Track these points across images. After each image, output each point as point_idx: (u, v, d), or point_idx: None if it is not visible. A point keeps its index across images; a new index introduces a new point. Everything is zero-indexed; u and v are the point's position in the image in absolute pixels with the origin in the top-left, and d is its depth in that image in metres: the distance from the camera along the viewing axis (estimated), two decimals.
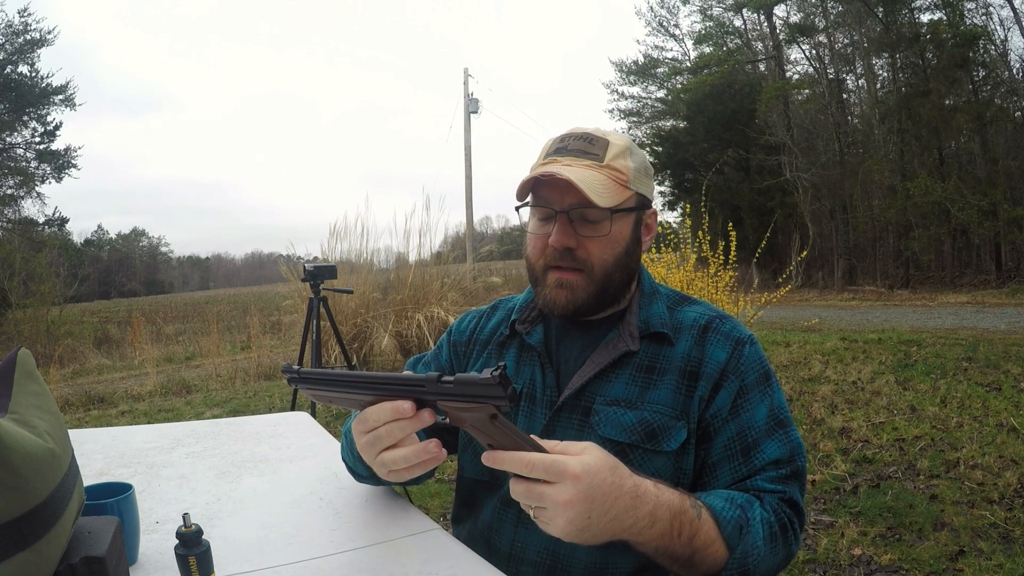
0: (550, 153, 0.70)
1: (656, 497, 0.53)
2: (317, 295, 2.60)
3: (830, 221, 12.06)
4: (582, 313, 0.69)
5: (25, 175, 12.70)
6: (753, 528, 0.58)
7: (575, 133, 0.70)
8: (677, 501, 0.54)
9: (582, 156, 0.67)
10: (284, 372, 0.57)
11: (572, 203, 0.66)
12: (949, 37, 10.09)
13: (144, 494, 0.77)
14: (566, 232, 0.66)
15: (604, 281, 0.68)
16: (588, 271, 0.67)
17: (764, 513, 0.60)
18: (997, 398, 3.14)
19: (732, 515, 0.57)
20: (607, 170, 0.67)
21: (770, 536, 0.59)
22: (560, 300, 0.68)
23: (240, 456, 0.94)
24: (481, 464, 0.74)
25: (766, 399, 0.66)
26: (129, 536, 0.59)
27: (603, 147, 0.68)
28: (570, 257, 0.67)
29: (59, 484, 0.41)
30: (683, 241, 3.96)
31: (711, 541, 0.56)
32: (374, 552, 0.63)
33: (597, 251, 0.67)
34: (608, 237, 0.67)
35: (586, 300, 0.68)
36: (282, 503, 0.76)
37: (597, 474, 0.48)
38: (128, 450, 0.97)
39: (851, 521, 1.93)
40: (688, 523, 0.54)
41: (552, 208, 0.67)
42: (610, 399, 0.67)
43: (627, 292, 0.72)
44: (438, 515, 2.06)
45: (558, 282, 0.68)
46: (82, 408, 4.39)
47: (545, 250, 0.68)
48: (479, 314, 0.82)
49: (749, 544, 0.57)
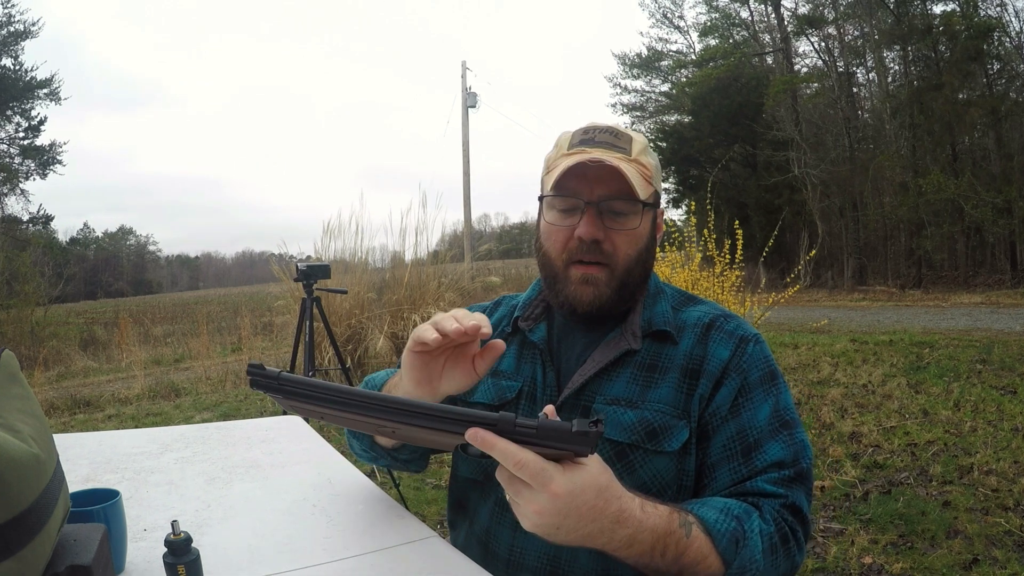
0: (575, 144, 0.68)
1: (639, 522, 0.51)
2: (310, 295, 2.58)
3: (840, 219, 11.93)
4: (605, 311, 0.68)
5: (8, 171, 12.71)
6: (751, 541, 0.55)
7: (599, 126, 0.69)
8: (663, 524, 0.52)
9: (612, 149, 0.67)
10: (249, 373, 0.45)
11: (603, 194, 0.65)
12: (963, 29, 9.91)
13: (131, 501, 0.76)
14: (596, 224, 0.65)
15: (625, 276, 0.67)
16: (612, 265, 0.67)
17: (763, 524, 0.57)
18: (1012, 401, 3.09)
19: (727, 528, 0.55)
20: (635, 164, 0.67)
21: (770, 548, 0.57)
22: (586, 297, 0.67)
23: (231, 461, 0.92)
24: (475, 463, 0.70)
25: (770, 398, 0.64)
26: (116, 544, 0.58)
27: (628, 142, 0.68)
28: (596, 251, 0.66)
29: (44, 490, 0.41)
30: (688, 239, 3.92)
31: (703, 557, 0.54)
32: (369, 560, 0.62)
33: (623, 245, 0.66)
34: (635, 231, 0.67)
35: (609, 296, 0.67)
36: (274, 510, 0.75)
37: (580, 495, 0.47)
38: (115, 455, 0.96)
39: (861, 529, 1.90)
40: (674, 544, 0.52)
41: (581, 199, 0.66)
42: (610, 398, 0.66)
43: (642, 290, 0.71)
44: (435, 522, 2.05)
45: (583, 278, 0.67)
46: (68, 412, 4.38)
47: (568, 243, 0.67)
48: (482, 309, 0.81)
49: (746, 558, 0.55)
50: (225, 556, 0.62)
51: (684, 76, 14.50)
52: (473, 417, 0.45)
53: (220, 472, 0.88)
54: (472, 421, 0.45)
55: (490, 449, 0.45)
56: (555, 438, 0.44)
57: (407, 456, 0.72)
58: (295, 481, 0.84)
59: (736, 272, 3.72)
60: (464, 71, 13.29)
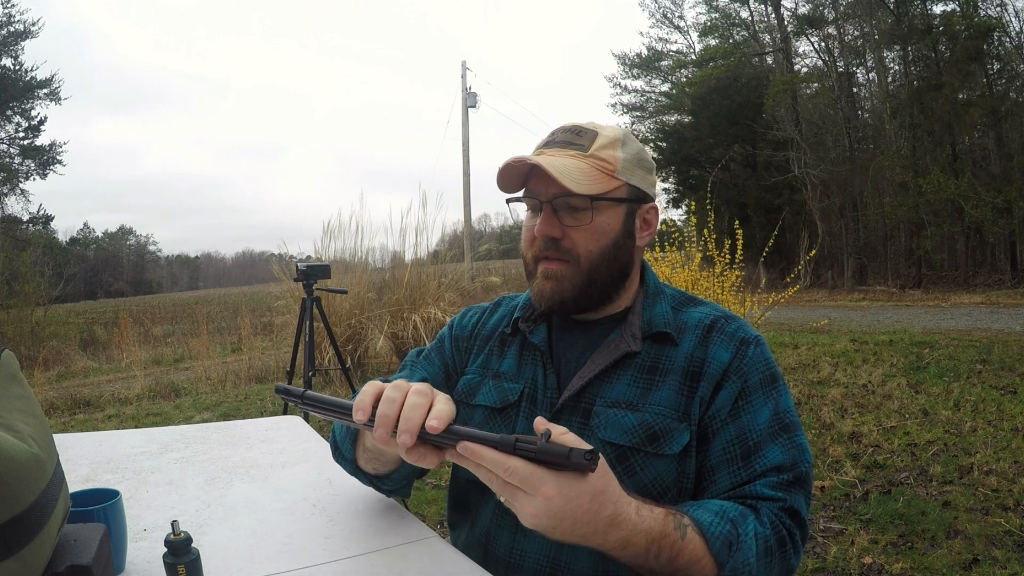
0: (540, 146, 0.70)
1: (634, 525, 0.51)
2: (310, 295, 2.58)
3: (840, 219, 11.92)
4: (570, 306, 0.68)
5: (8, 171, 12.72)
6: (744, 544, 0.55)
7: (565, 126, 0.70)
8: (659, 527, 0.53)
9: (567, 147, 0.68)
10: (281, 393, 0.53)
11: (555, 192, 0.66)
12: (963, 29, 9.91)
13: (131, 501, 0.76)
14: (550, 222, 0.66)
15: (590, 273, 0.67)
16: (574, 261, 0.67)
17: (759, 527, 0.57)
18: (1012, 401, 3.08)
19: (721, 531, 0.55)
20: (591, 159, 0.66)
21: (765, 551, 0.56)
22: (547, 291, 0.67)
23: (230, 461, 0.92)
24: None
25: (770, 401, 0.64)
26: (116, 544, 0.58)
27: (591, 138, 0.68)
28: (555, 247, 0.67)
29: (44, 490, 0.41)
30: (688, 239, 3.91)
31: (696, 559, 0.54)
32: (369, 560, 0.62)
33: (582, 241, 0.66)
34: (592, 227, 0.66)
35: (572, 292, 0.67)
36: (274, 510, 0.74)
37: (574, 499, 0.47)
38: (115, 455, 0.96)
39: (861, 529, 1.90)
40: (668, 546, 0.53)
41: (538, 199, 0.67)
42: (611, 401, 0.66)
43: (620, 289, 0.70)
44: (435, 522, 2.05)
45: (544, 273, 0.68)
46: (68, 412, 4.37)
47: (534, 242, 0.68)
48: (481, 310, 0.81)
49: (739, 561, 0.55)
50: (225, 556, 0.62)
51: (684, 76, 14.50)
52: (476, 438, 0.48)
53: (220, 472, 0.88)
54: (475, 439, 0.48)
55: (479, 459, 0.47)
56: (551, 462, 0.46)
57: (390, 487, 0.72)
58: (295, 481, 0.83)
59: (736, 272, 3.72)
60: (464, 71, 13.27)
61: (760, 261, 5.10)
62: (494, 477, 0.47)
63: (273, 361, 5.46)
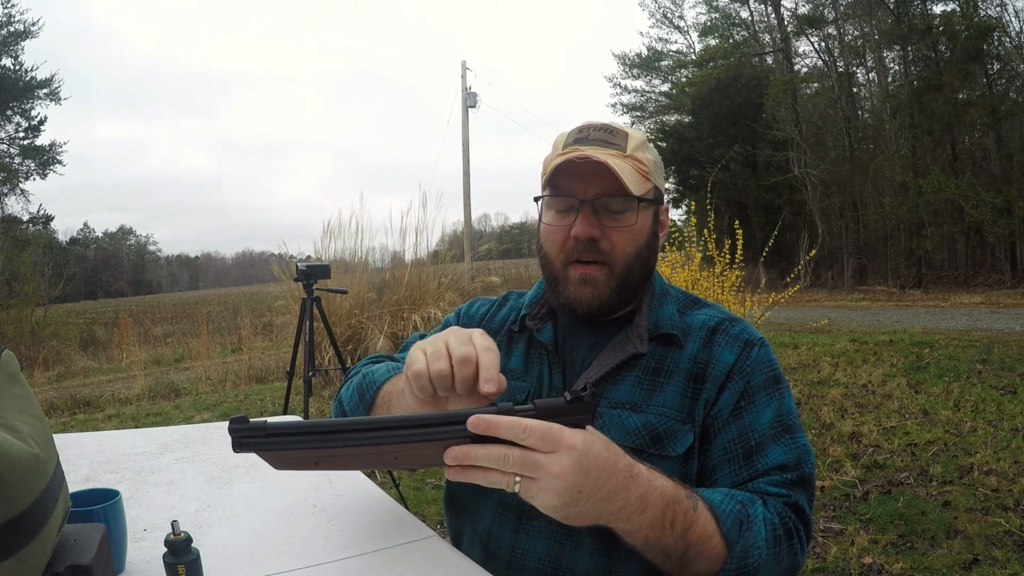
0: (569, 143, 0.67)
1: (649, 481, 0.50)
2: (310, 295, 2.57)
3: (840, 219, 11.93)
4: (605, 312, 0.67)
5: (8, 171, 12.71)
6: (755, 525, 0.54)
7: (594, 124, 0.68)
8: (671, 489, 0.52)
9: (605, 146, 0.66)
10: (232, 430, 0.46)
11: (597, 192, 0.64)
12: (963, 29, 9.91)
13: (131, 501, 0.76)
14: (591, 222, 0.64)
15: (624, 275, 0.66)
16: (610, 264, 0.66)
17: (767, 513, 0.56)
18: (1012, 401, 3.08)
19: (731, 509, 0.54)
20: (631, 160, 0.66)
21: (774, 539, 0.55)
22: (585, 298, 0.66)
23: (230, 461, 0.92)
24: None
25: (772, 402, 0.64)
26: (116, 544, 0.58)
27: (623, 138, 0.67)
28: (594, 249, 0.65)
29: (44, 490, 0.41)
30: (688, 239, 3.91)
31: (707, 536, 0.52)
32: (369, 560, 0.61)
33: (621, 243, 0.65)
34: (632, 228, 0.65)
35: (609, 296, 0.66)
36: (274, 510, 0.74)
37: (593, 446, 0.47)
38: (115, 455, 0.96)
39: (861, 529, 1.90)
40: (682, 513, 0.51)
41: (576, 197, 0.65)
42: (615, 402, 0.65)
43: (643, 290, 0.70)
44: (435, 522, 2.05)
45: (582, 279, 0.65)
46: (68, 412, 4.38)
47: (566, 243, 0.66)
48: (489, 303, 0.80)
49: (749, 542, 0.53)
50: (225, 556, 0.62)
51: (684, 76, 14.51)
52: (472, 411, 0.46)
53: (220, 472, 0.87)
54: (471, 413, 0.46)
55: (495, 427, 0.45)
56: (554, 413, 0.45)
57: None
58: (295, 481, 0.83)
59: (736, 272, 3.72)
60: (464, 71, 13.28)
61: (760, 261, 5.10)
62: (516, 455, 0.45)
63: (273, 361, 5.46)
